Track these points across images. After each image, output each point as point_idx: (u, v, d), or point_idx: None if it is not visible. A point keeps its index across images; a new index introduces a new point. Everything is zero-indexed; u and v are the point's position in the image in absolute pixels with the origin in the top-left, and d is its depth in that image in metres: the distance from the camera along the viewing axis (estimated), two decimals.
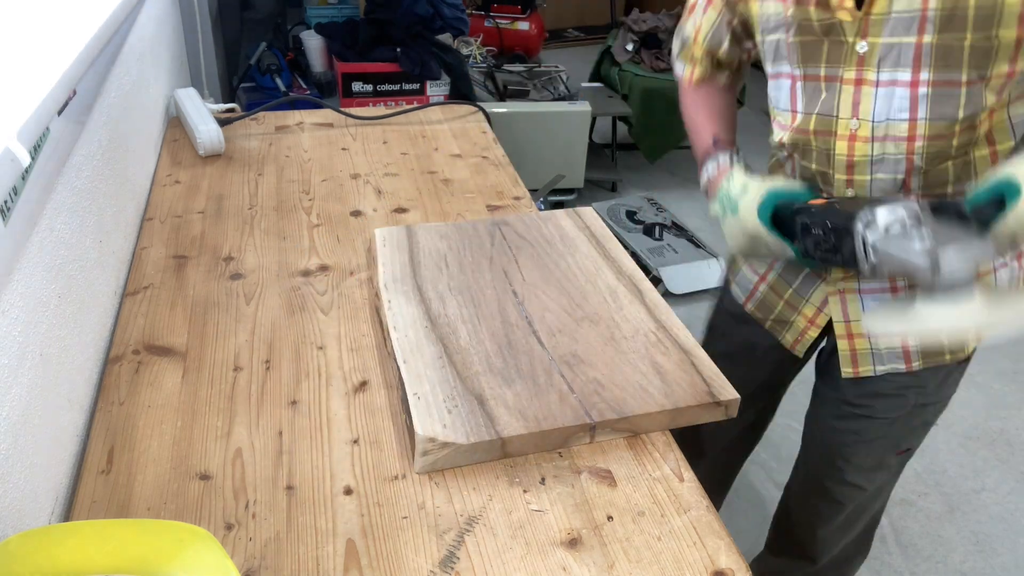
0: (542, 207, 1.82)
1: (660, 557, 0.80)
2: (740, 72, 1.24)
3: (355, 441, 0.93)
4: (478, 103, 2.09)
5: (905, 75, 0.91)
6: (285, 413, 0.96)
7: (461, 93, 2.98)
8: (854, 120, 0.97)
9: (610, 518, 0.84)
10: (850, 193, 1.02)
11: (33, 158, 0.86)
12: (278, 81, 2.78)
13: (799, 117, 1.03)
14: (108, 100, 1.23)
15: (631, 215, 3.13)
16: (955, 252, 0.77)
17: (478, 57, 3.62)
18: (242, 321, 1.11)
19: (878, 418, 1.19)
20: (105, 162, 1.17)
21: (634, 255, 2.84)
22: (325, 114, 1.81)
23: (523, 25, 4.40)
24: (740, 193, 1.01)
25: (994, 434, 2.26)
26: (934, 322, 0.81)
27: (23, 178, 0.82)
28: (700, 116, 1.17)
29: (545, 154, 3.09)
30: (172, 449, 0.91)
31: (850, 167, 1.00)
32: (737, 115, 1.23)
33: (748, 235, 1.01)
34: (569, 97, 3.43)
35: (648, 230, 3.03)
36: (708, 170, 1.10)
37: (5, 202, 0.77)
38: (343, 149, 1.66)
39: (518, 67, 3.69)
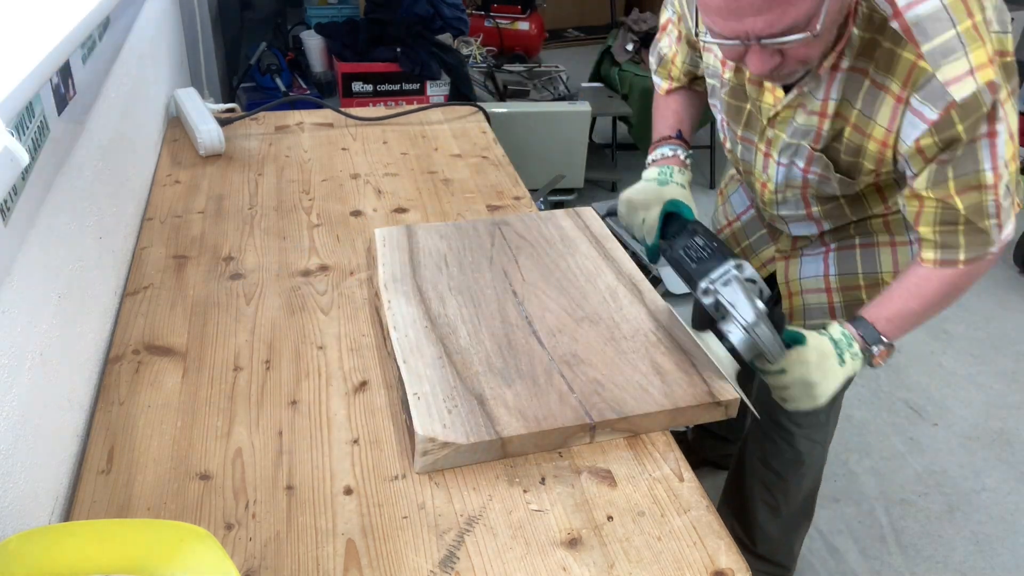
0: (542, 207, 1.82)
1: (660, 557, 0.80)
2: None
3: (355, 441, 0.93)
4: (478, 103, 2.09)
5: (800, 163, 1.14)
6: (285, 413, 0.96)
7: (461, 93, 2.97)
8: (764, 175, 1.21)
9: (610, 518, 0.84)
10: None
11: (33, 158, 0.86)
12: (278, 81, 2.78)
13: (728, 145, 1.28)
14: (108, 100, 1.23)
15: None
16: (768, 333, 0.98)
17: (478, 57, 3.62)
18: (242, 321, 1.11)
19: None
20: (105, 162, 1.17)
21: (634, 255, 2.84)
22: (325, 114, 1.81)
23: (523, 25, 4.40)
24: (665, 180, 1.22)
25: (994, 434, 2.26)
26: (708, 348, 1.00)
27: (23, 178, 0.82)
28: (670, 110, 1.33)
29: (545, 154, 3.08)
30: (172, 449, 0.90)
31: (763, 201, 1.28)
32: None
33: (644, 204, 1.20)
34: (569, 97, 3.43)
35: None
36: (664, 151, 1.28)
37: (5, 202, 0.77)
38: (343, 149, 1.66)
39: (518, 67, 3.69)
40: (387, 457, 0.91)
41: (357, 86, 2.91)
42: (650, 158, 1.29)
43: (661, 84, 1.35)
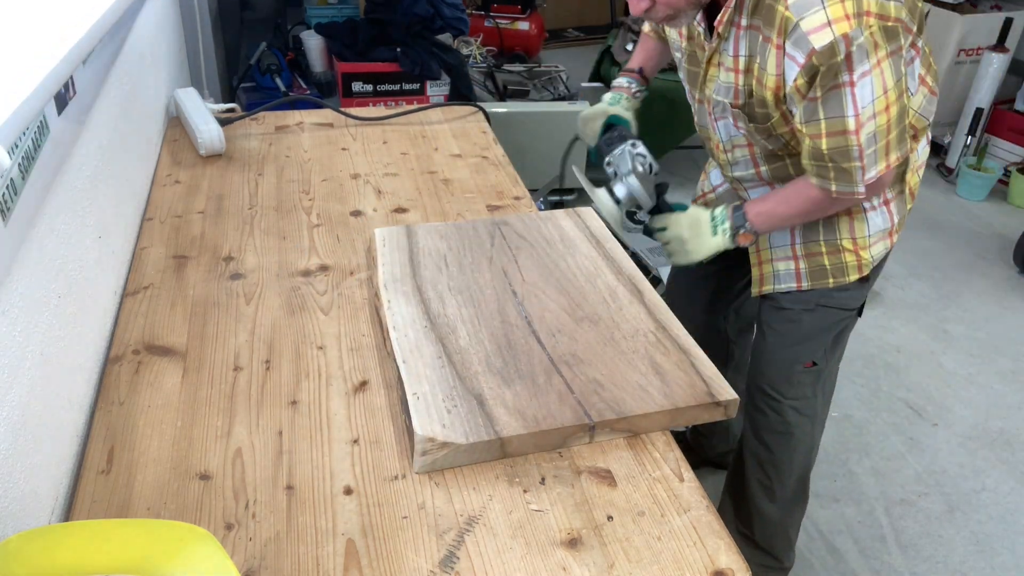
0: (542, 207, 1.82)
1: (660, 557, 0.80)
2: None
3: (355, 441, 0.93)
4: (478, 103, 2.09)
5: (729, 119, 1.30)
6: (285, 413, 0.96)
7: (461, 93, 2.97)
8: (715, 134, 1.37)
9: (610, 518, 0.84)
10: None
11: (33, 158, 0.86)
12: (278, 81, 2.78)
13: (695, 117, 1.42)
14: (108, 100, 1.23)
15: (631, 215, 3.12)
16: (637, 183, 1.35)
17: (478, 57, 3.62)
18: (242, 321, 1.11)
19: (775, 330, 1.49)
20: (105, 162, 1.17)
21: (634, 255, 2.84)
22: (325, 114, 1.81)
23: (523, 25, 4.40)
24: (614, 103, 1.52)
25: (994, 434, 2.26)
26: (597, 198, 1.37)
27: (23, 178, 0.82)
28: (643, 49, 1.59)
29: (545, 154, 3.08)
30: (172, 449, 0.91)
31: (720, 164, 1.45)
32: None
33: (593, 117, 1.51)
34: (569, 97, 3.43)
35: (648, 230, 3.02)
36: (622, 80, 1.56)
37: (5, 202, 0.77)
38: (343, 149, 1.66)
39: (518, 67, 3.68)
40: (387, 457, 0.91)
41: (357, 86, 2.91)
42: (613, 83, 1.57)
43: (646, 26, 1.57)
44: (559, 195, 3.23)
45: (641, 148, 1.38)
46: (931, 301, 2.84)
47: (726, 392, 0.97)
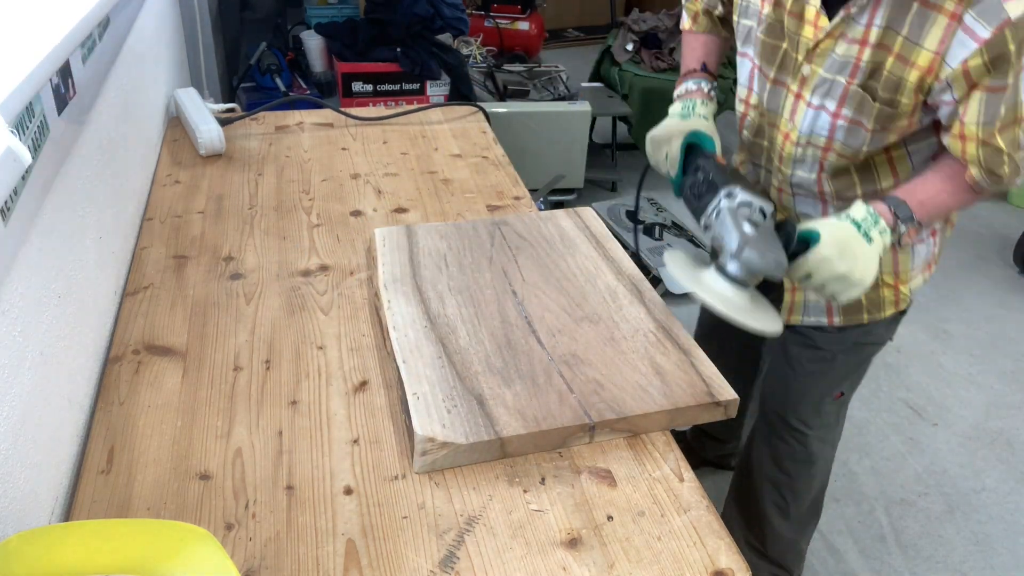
0: (542, 207, 1.82)
1: (660, 557, 0.80)
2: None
3: (355, 441, 0.93)
4: (478, 103, 2.09)
5: (831, 106, 1.10)
6: (285, 413, 0.96)
7: (461, 93, 2.97)
8: (790, 123, 1.17)
9: (610, 518, 0.84)
10: (776, 175, 1.27)
11: (33, 158, 0.86)
12: (278, 81, 2.78)
13: (754, 97, 1.23)
14: (108, 100, 1.24)
15: (631, 215, 3.13)
16: (755, 255, 0.97)
17: (478, 57, 3.62)
18: (242, 321, 1.11)
19: (807, 368, 1.39)
20: (105, 162, 1.17)
21: (634, 255, 2.84)
22: (325, 114, 1.81)
23: (523, 25, 4.40)
24: (687, 114, 1.22)
25: (994, 434, 2.26)
26: (706, 289, 0.99)
27: (23, 178, 0.82)
28: (698, 43, 1.33)
29: (545, 154, 3.09)
30: (172, 449, 0.91)
31: (780, 158, 1.23)
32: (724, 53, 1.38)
33: (666, 139, 1.22)
34: (569, 97, 3.43)
35: (648, 230, 3.03)
36: (688, 85, 1.28)
37: (5, 202, 0.77)
38: (343, 149, 1.66)
39: (518, 67, 3.69)
40: (387, 457, 0.91)
41: (357, 86, 2.91)
42: (676, 93, 1.29)
43: (685, 20, 1.36)
44: (559, 195, 3.23)
45: (740, 196, 1.02)
46: (931, 301, 2.84)
47: (726, 392, 0.97)
